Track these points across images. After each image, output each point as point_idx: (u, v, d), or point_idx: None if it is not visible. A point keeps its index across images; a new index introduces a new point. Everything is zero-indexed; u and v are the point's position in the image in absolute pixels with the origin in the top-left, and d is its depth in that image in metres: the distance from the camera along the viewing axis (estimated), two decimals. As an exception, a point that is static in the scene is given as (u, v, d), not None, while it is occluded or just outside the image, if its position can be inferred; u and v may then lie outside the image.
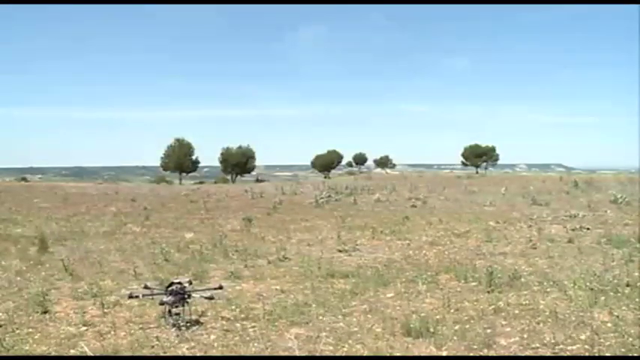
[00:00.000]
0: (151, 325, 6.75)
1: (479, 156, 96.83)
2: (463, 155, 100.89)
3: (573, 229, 13.62)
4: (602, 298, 7.30)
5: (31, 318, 7.08)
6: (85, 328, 6.68)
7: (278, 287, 8.63)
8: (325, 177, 74.21)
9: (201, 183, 63.08)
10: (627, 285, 7.86)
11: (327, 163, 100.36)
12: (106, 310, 7.34)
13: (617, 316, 6.50)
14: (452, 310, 7.07)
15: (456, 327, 6.37)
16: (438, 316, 6.79)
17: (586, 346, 5.64)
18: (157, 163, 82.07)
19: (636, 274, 8.54)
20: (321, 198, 23.66)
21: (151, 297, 6.96)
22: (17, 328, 6.66)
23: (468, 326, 6.41)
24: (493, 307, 7.09)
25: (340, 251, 11.68)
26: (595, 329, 6.08)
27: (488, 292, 7.87)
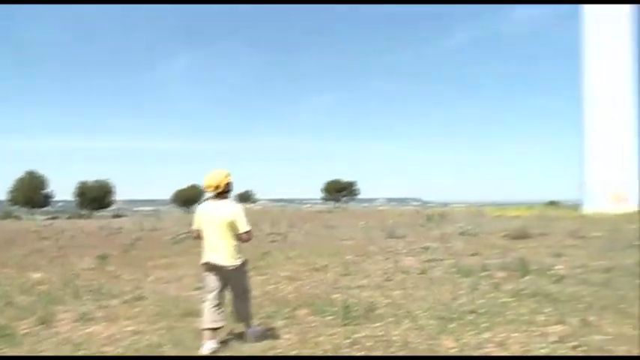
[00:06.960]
0: None
1: (339, 190, 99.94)
2: (324, 190, 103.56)
3: (427, 261, 14.23)
4: (450, 325, 7.67)
5: None
6: None
7: (132, 328, 8.25)
8: (187, 212, 72.90)
9: (54, 218, 59.75)
10: (472, 312, 8.32)
11: (188, 197, 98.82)
12: None
13: (463, 342, 6.86)
14: (308, 345, 7.09)
15: (312, 362, 6.40)
16: (293, 352, 6.79)
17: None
18: (4, 197, 77.14)
19: (480, 301, 9.08)
20: (181, 234, 23.18)
21: None
22: None
23: (324, 361, 6.45)
24: (349, 340, 7.20)
25: (198, 289, 11.40)
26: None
27: (345, 325, 7.98)
